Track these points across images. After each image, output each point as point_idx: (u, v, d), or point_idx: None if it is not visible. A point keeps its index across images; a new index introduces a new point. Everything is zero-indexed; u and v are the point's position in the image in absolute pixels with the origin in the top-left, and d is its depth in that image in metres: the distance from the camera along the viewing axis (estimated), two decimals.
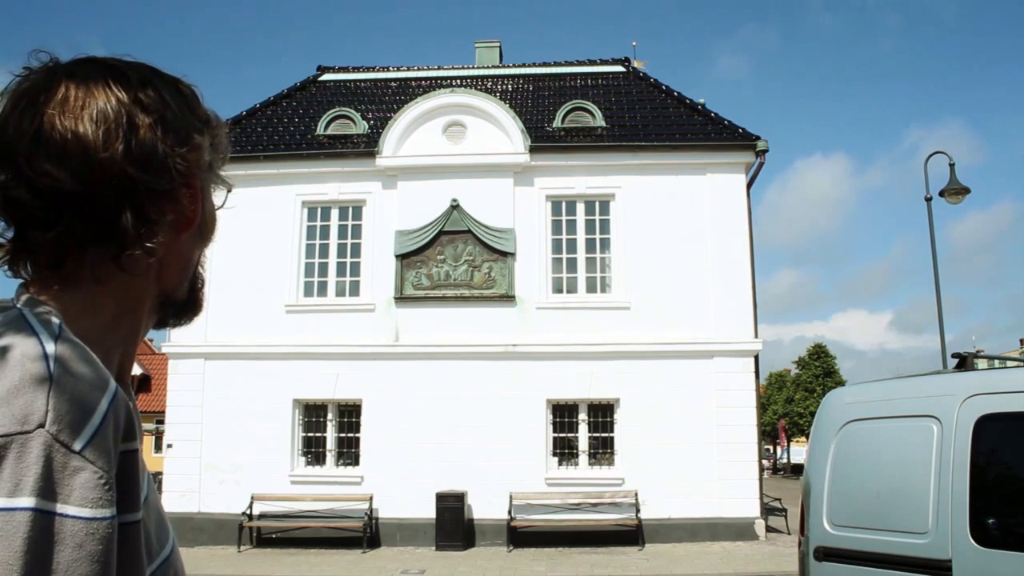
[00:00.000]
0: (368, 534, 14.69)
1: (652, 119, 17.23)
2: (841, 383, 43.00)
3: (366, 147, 16.53)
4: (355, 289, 16.25)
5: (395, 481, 14.94)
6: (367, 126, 17.23)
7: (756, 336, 15.51)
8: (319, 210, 16.56)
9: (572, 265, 16.10)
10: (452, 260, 16.00)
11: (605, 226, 16.16)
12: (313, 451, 15.80)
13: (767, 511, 15.60)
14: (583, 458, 15.39)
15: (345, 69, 20.15)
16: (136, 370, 37.30)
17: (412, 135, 16.53)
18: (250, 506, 15.01)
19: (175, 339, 16.14)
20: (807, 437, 13.67)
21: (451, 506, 14.42)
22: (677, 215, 15.84)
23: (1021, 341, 53.76)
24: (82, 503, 0.73)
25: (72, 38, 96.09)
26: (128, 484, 0.81)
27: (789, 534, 15.42)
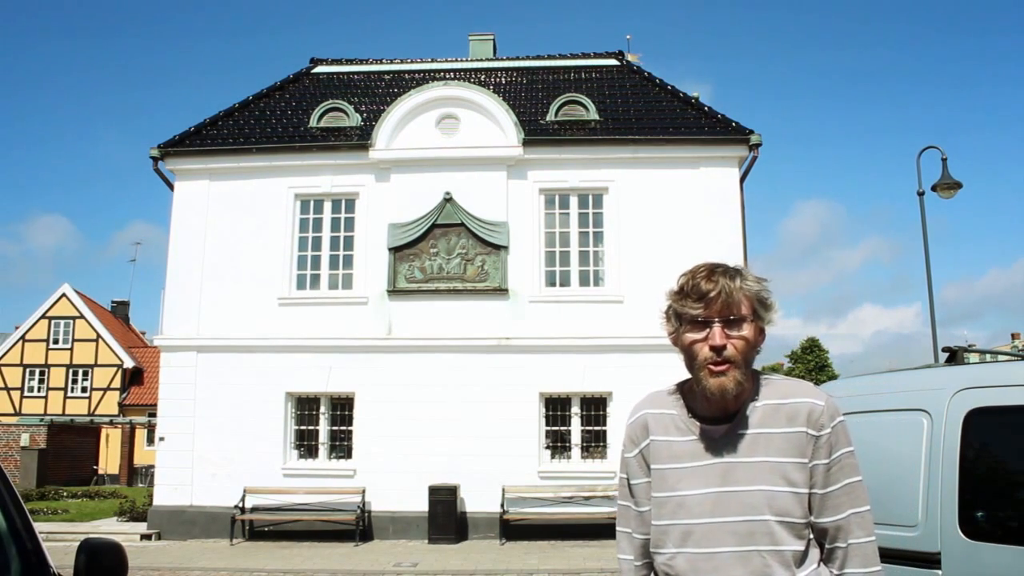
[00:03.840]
0: (361, 527, 14.71)
1: (645, 113, 17.22)
2: (834, 377, 43.15)
3: (359, 140, 16.48)
4: (348, 282, 16.22)
5: (388, 474, 14.96)
6: (360, 119, 17.17)
7: None
8: (312, 203, 16.52)
9: (565, 258, 16.11)
10: (445, 253, 15.99)
11: (598, 219, 16.17)
12: (306, 444, 15.80)
13: None
14: (576, 451, 15.43)
15: (338, 61, 20.07)
16: (128, 363, 37.19)
17: (405, 128, 16.49)
18: (242, 499, 15.01)
19: (167, 332, 16.11)
20: None
21: (444, 499, 14.45)
22: (670, 209, 15.85)
23: (1013, 336, 54.01)
24: None
25: (60, 29, 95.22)
26: None
27: None
